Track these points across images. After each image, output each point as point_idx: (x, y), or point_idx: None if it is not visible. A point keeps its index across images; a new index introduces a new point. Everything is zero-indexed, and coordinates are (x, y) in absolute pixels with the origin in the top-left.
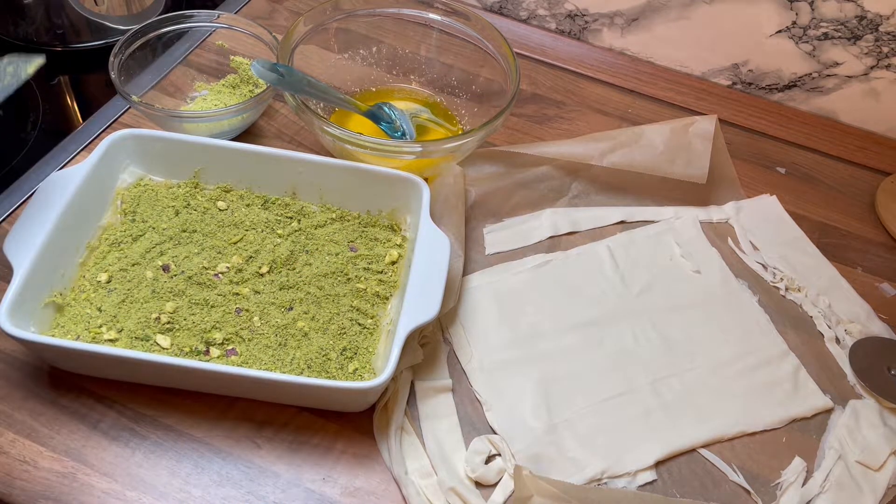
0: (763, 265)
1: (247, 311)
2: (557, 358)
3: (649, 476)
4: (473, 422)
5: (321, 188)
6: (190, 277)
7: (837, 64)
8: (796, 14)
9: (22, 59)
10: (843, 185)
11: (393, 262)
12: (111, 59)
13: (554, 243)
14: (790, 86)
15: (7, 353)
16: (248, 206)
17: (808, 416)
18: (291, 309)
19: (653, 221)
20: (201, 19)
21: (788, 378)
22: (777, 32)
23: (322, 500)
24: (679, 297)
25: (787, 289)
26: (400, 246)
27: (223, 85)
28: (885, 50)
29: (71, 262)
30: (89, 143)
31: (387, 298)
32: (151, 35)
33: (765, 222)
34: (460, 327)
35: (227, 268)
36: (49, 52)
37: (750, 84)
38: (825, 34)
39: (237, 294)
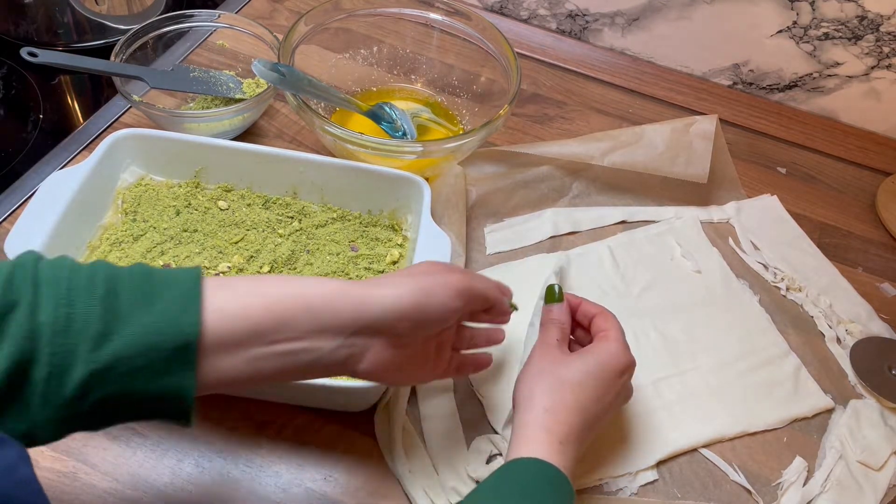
0: (764, 265)
1: None
2: None
3: (650, 476)
4: (474, 421)
5: (322, 188)
6: None
7: (838, 64)
8: (797, 14)
9: None
10: (844, 185)
11: (394, 262)
12: (112, 58)
13: (555, 243)
14: (791, 86)
15: None
16: (248, 205)
17: (809, 416)
18: None
19: (653, 221)
20: (202, 19)
21: (789, 378)
22: (778, 32)
23: (323, 499)
24: (680, 297)
25: (787, 289)
26: (401, 246)
27: None
28: (886, 50)
29: None
30: (90, 142)
31: None
32: (152, 35)
33: (765, 222)
34: None
35: (229, 267)
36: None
37: (750, 84)
38: (826, 34)
39: None
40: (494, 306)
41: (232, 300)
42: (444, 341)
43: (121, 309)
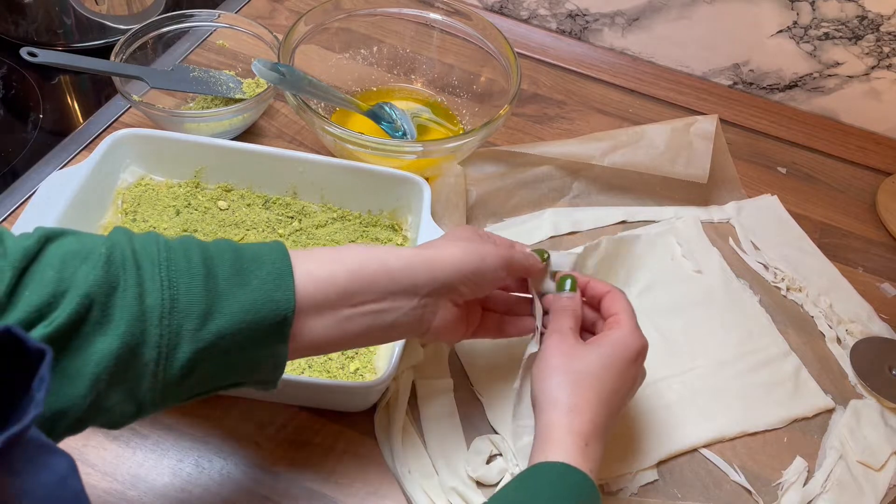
0: (764, 265)
1: None
2: None
3: (650, 476)
4: (474, 421)
5: (322, 188)
6: None
7: (838, 64)
8: (797, 14)
9: None
10: (844, 185)
11: None
12: (112, 58)
13: (555, 243)
14: (791, 86)
15: None
16: (248, 205)
17: (810, 416)
18: None
19: (654, 221)
20: (202, 19)
21: (789, 378)
22: (778, 32)
23: (323, 499)
24: (680, 297)
25: (788, 289)
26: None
27: None
28: (886, 50)
29: None
30: (90, 142)
31: None
32: (152, 35)
33: (766, 222)
34: None
35: None
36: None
37: (751, 84)
38: (826, 34)
39: None
40: (531, 271)
41: (319, 268)
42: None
43: (219, 288)
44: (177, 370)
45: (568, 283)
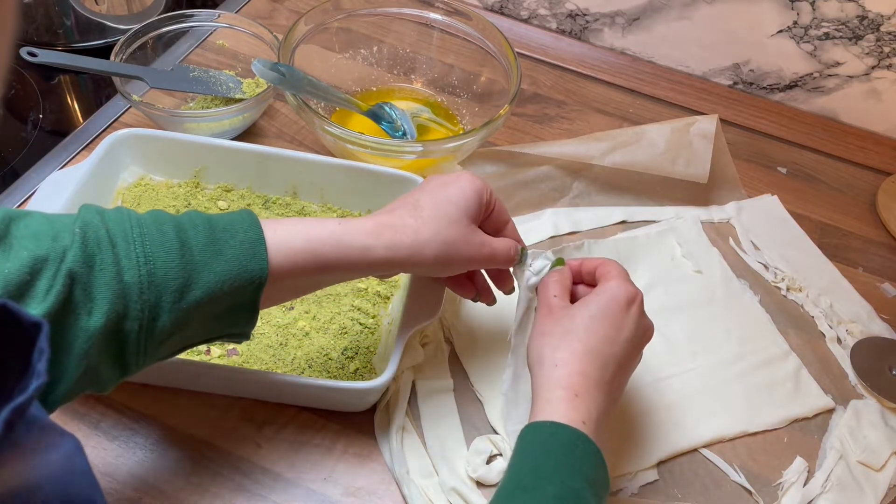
0: (764, 265)
1: None
2: None
3: (650, 476)
4: (475, 421)
5: (322, 188)
6: None
7: (838, 64)
8: (797, 14)
9: None
10: (844, 184)
11: None
12: (112, 58)
13: (555, 243)
14: (791, 86)
15: None
16: (248, 205)
17: (810, 417)
18: (292, 308)
19: (654, 221)
20: (202, 19)
21: (790, 378)
22: (778, 32)
23: (323, 500)
24: (680, 297)
25: (788, 289)
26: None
27: None
28: (887, 50)
29: None
30: (90, 142)
31: (388, 298)
32: (152, 35)
33: (766, 222)
34: (461, 327)
35: None
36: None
37: (751, 84)
38: (826, 34)
39: None
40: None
41: (285, 242)
42: None
43: (194, 259)
44: (158, 336)
45: (556, 264)
